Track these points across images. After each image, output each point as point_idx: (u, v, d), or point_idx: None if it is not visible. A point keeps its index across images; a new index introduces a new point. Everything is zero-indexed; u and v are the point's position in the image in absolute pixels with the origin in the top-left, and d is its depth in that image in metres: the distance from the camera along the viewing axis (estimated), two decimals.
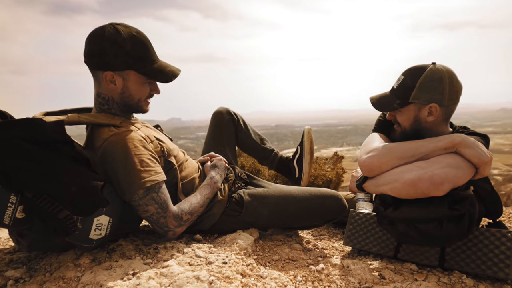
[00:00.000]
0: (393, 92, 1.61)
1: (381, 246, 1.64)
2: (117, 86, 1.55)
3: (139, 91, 1.60)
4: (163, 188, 1.52)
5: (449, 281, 1.38)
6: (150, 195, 1.47)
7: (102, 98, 1.59)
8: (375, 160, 1.52)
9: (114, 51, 1.48)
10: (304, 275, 1.44)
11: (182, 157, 1.79)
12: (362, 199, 1.82)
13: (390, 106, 1.62)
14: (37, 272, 1.39)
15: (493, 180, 9.10)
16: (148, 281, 1.21)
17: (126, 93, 1.58)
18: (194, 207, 1.62)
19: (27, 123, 1.18)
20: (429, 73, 1.50)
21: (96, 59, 1.52)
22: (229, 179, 1.94)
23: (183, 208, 1.58)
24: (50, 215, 1.16)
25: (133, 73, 1.55)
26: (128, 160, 1.44)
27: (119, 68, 1.52)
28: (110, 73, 1.52)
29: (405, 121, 1.60)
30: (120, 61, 1.50)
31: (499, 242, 1.41)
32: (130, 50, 1.50)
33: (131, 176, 1.44)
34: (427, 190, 1.35)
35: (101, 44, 1.47)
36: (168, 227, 1.53)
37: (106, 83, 1.54)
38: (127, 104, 1.61)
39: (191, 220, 1.62)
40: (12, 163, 1.13)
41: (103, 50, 1.48)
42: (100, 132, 1.52)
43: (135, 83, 1.58)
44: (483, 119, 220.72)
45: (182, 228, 1.59)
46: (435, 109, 1.53)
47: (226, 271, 1.31)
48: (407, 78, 1.56)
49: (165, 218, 1.51)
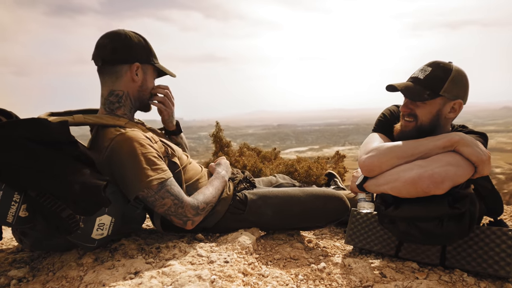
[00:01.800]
0: (420, 83, 1.52)
1: (382, 245, 1.64)
2: (139, 78, 1.68)
3: (151, 86, 1.76)
4: (174, 182, 1.57)
5: (450, 280, 1.38)
6: (165, 188, 1.51)
7: (115, 95, 1.64)
8: (375, 160, 1.52)
9: (138, 46, 1.65)
10: (305, 274, 1.44)
11: (185, 160, 1.81)
12: (363, 199, 1.82)
13: (420, 95, 1.51)
14: (40, 272, 1.40)
15: (495, 179, 9.09)
16: (150, 280, 1.22)
17: (144, 86, 1.71)
18: (208, 197, 1.66)
19: (32, 123, 1.19)
20: (457, 69, 1.49)
21: (123, 53, 1.62)
22: (235, 179, 1.95)
23: (198, 198, 1.63)
24: (53, 214, 1.17)
25: (151, 67, 1.72)
26: (137, 158, 1.47)
27: (144, 60, 1.67)
28: (138, 65, 1.65)
29: (426, 114, 1.54)
30: (144, 54, 1.67)
31: (500, 240, 1.41)
32: (149, 47, 1.69)
33: (140, 173, 1.46)
34: (428, 188, 1.35)
35: (125, 40, 1.62)
36: (187, 216, 1.57)
37: (130, 76, 1.64)
38: (141, 98, 1.73)
39: (207, 210, 1.66)
40: (17, 162, 1.14)
41: (129, 44, 1.62)
42: (106, 132, 1.54)
43: (151, 78, 1.74)
44: (485, 118, 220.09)
45: (199, 217, 1.62)
46: (458, 106, 1.52)
47: (228, 270, 1.32)
48: (437, 70, 1.50)
49: (183, 208, 1.55)
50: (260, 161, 4.17)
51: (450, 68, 1.49)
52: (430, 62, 1.55)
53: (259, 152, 4.61)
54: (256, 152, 4.55)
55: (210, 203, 1.67)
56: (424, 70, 1.54)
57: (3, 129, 1.15)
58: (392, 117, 1.73)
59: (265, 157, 4.49)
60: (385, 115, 1.75)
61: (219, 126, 4.55)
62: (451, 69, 1.49)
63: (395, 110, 1.76)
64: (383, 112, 1.79)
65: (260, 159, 4.37)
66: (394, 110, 1.77)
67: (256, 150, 4.65)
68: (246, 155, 3.96)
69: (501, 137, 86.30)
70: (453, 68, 1.49)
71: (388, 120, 1.73)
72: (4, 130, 1.15)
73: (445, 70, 1.49)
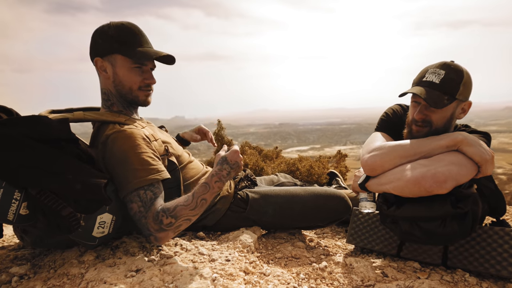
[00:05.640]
0: (437, 87, 1.45)
1: (384, 244, 1.64)
2: (108, 74, 1.60)
3: (128, 77, 1.60)
4: (155, 186, 1.41)
5: (452, 279, 1.38)
6: (137, 191, 1.38)
7: (104, 93, 1.65)
8: (378, 159, 1.51)
9: (101, 39, 1.56)
10: (307, 273, 1.44)
11: (186, 158, 1.79)
12: (365, 198, 1.81)
13: (442, 102, 1.44)
14: (42, 269, 1.40)
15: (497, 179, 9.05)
16: (151, 278, 1.22)
17: (116, 80, 1.60)
18: (180, 210, 1.36)
19: (32, 121, 1.19)
20: (465, 70, 1.47)
21: (90, 50, 1.61)
22: (236, 177, 1.94)
23: (166, 209, 1.36)
24: (53, 212, 1.17)
25: (119, 57, 1.57)
26: (127, 158, 1.42)
27: (105, 52, 1.57)
28: (99, 60, 1.58)
29: (442, 119, 1.50)
30: (106, 45, 1.56)
31: (502, 240, 1.40)
32: (115, 35, 1.55)
33: (127, 173, 1.41)
34: (430, 188, 1.34)
35: (93, 36, 1.59)
36: (149, 230, 1.36)
37: (100, 73, 1.61)
38: (121, 94, 1.63)
39: (176, 227, 1.36)
40: (17, 160, 1.14)
41: (94, 40, 1.58)
42: (104, 129, 1.53)
43: (122, 68, 1.58)
44: (487, 118, 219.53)
45: (164, 234, 1.35)
46: (468, 107, 1.51)
47: (229, 269, 1.32)
48: (451, 73, 1.45)
49: (146, 219, 1.36)
50: (262, 160, 4.17)
51: (462, 70, 1.47)
52: (440, 63, 1.50)
53: (260, 150, 4.60)
54: (258, 151, 4.55)
55: (182, 217, 1.36)
56: (437, 73, 1.47)
57: (3, 127, 1.15)
58: (395, 117, 1.73)
59: (267, 156, 4.48)
60: (388, 114, 1.75)
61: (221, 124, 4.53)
62: (462, 70, 1.47)
63: (398, 110, 1.75)
64: (386, 111, 1.78)
65: (262, 157, 4.36)
66: (397, 109, 1.76)
67: (257, 148, 4.64)
68: (248, 154, 3.96)
69: (503, 138, 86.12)
70: (463, 69, 1.47)
71: (391, 119, 1.72)
72: (5, 128, 1.15)
73: (458, 73, 1.46)
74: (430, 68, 1.51)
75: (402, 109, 1.75)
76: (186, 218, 1.37)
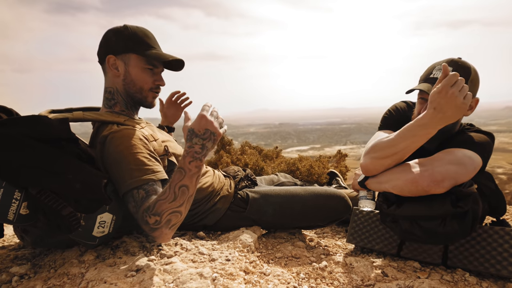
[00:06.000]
0: None
1: (384, 243, 1.64)
2: (119, 72, 1.60)
3: (141, 77, 1.61)
4: (149, 185, 1.37)
5: (452, 279, 1.38)
6: (131, 192, 1.36)
7: (108, 92, 1.64)
8: (368, 161, 1.53)
9: (116, 37, 1.58)
10: (307, 272, 1.44)
11: None
12: (364, 197, 1.82)
13: None
14: (42, 269, 1.40)
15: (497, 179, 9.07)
16: (151, 277, 1.22)
17: (128, 78, 1.61)
18: (159, 205, 1.27)
19: (32, 120, 1.19)
20: (473, 67, 1.46)
21: (102, 49, 1.61)
22: (236, 177, 1.95)
23: (147, 208, 1.29)
24: (54, 212, 1.17)
25: (134, 56, 1.59)
26: (123, 158, 1.41)
27: (120, 50, 1.58)
28: (113, 57, 1.58)
29: None
30: (121, 44, 1.58)
31: (503, 240, 1.40)
32: (130, 35, 1.58)
33: (124, 173, 1.39)
34: (428, 187, 1.34)
35: (107, 35, 1.60)
36: (144, 230, 1.32)
37: (110, 70, 1.60)
38: (130, 93, 1.63)
39: (165, 222, 1.27)
40: (17, 160, 1.14)
41: (107, 38, 1.59)
42: (103, 129, 1.53)
43: (136, 68, 1.60)
44: (487, 118, 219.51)
45: (158, 232, 1.28)
46: (475, 104, 1.49)
47: (229, 268, 1.32)
48: (458, 70, 1.42)
49: (138, 220, 1.33)
50: (262, 160, 4.17)
51: (469, 67, 1.45)
52: (448, 60, 1.48)
53: (260, 150, 4.60)
54: (258, 151, 4.55)
55: (164, 213, 1.26)
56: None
57: (3, 127, 1.15)
58: (397, 114, 1.71)
59: (267, 156, 4.48)
60: (390, 112, 1.74)
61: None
62: (469, 67, 1.45)
63: (401, 106, 1.74)
64: (389, 108, 1.77)
65: (262, 157, 4.37)
66: (400, 106, 1.74)
67: (257, 148, 4.65)
68: (248, 154, 3.96)
69: (503, 137, 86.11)
70: (470, 66, 1.46)
71: (394, 116, 1.71)
72: (5, 127, 1.15)
73: (465, 70, 1.44)
74: (437, 64, 1.50)
75: (407, 106, 1.74)
76: (171, 212, 1.27)
